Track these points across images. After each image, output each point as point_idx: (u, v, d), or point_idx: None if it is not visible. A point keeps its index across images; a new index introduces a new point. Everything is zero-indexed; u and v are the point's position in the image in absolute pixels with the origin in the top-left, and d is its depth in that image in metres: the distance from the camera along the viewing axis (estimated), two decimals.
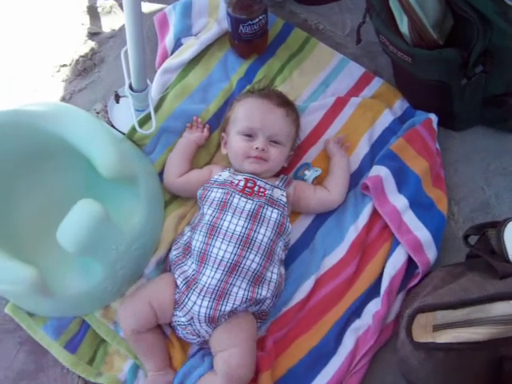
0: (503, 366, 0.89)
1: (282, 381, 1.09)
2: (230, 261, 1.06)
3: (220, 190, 1.14)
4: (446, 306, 0.89)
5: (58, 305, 1.08)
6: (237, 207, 1.11)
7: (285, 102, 1.22)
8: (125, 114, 1.27)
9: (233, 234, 1.08)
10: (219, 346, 1.05)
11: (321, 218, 1.23)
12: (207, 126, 1.27)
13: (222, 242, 1.07)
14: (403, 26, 1.11)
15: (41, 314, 1.11)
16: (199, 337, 1.08)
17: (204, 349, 1.11)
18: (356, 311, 1.15)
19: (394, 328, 1.13)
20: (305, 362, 1.10)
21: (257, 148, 1.15)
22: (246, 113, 1.19)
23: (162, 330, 1.12)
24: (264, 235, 1.09)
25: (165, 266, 1.17)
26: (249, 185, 1.14)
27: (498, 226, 0.98)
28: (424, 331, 0.90)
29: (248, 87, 1.31)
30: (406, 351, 0.95)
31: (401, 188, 1.21)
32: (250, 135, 1.17)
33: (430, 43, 1.11)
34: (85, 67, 1.41)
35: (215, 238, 1.08)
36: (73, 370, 1.10)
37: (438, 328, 0.89)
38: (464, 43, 1.08)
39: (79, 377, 1.11)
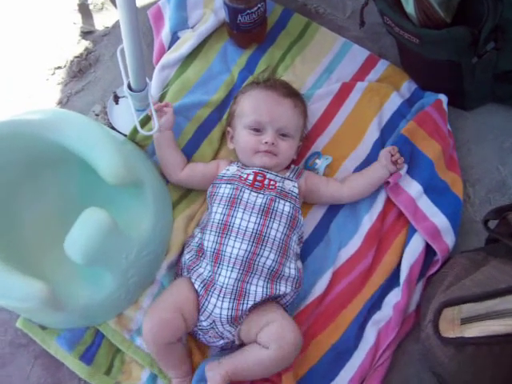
0: None
1: (303, 380, 1.07)
2: (245, 259, 1.03)
3: (229, 186, 1.10)
4: (473, 298, 0.86)
5: (70, 317, 1.05)
6: (247, 202, 1.07)
7: (291, 93, 1.18)
8: (125, 115, 1.24)
9: (245, 231, 1.05)
10: (256, 327, 1.01)
11: (333, 209, 1.20)
12: (164, 103, 1.18)
13: (235, 241, 1.04)
14: (409, 6, 1.08)
15: (53, 327, 1.09)
16: (222, 338, 1.05)
17: (226, 350, 1.08)
18: (376, 303, 1.12)
19: (416, 319, 1.11)
20: (326, 360, 1.08)
21: (266, 142, 1.12)
22: (253, 106, 1.15)
23: None
24: (277, 230, 1.06)
25: (176, 269, 1.14)
26: (258, 178, 1.11)
27: None
28: (451, 325, 0.87)
29: (252, 78, 1.27)
30: (432, 346, 0.92)
31: (413, 173, 1.18)
32: (258, 129, 1.13)
33: (437, 22, 1.08)
34: (80, 68, 1.37)
35: (228, 236, 1.05)
36: (90, 381, 1.07)
37: (465, 321, 0.86)
38: (473, 20, 1.05)
39: None
